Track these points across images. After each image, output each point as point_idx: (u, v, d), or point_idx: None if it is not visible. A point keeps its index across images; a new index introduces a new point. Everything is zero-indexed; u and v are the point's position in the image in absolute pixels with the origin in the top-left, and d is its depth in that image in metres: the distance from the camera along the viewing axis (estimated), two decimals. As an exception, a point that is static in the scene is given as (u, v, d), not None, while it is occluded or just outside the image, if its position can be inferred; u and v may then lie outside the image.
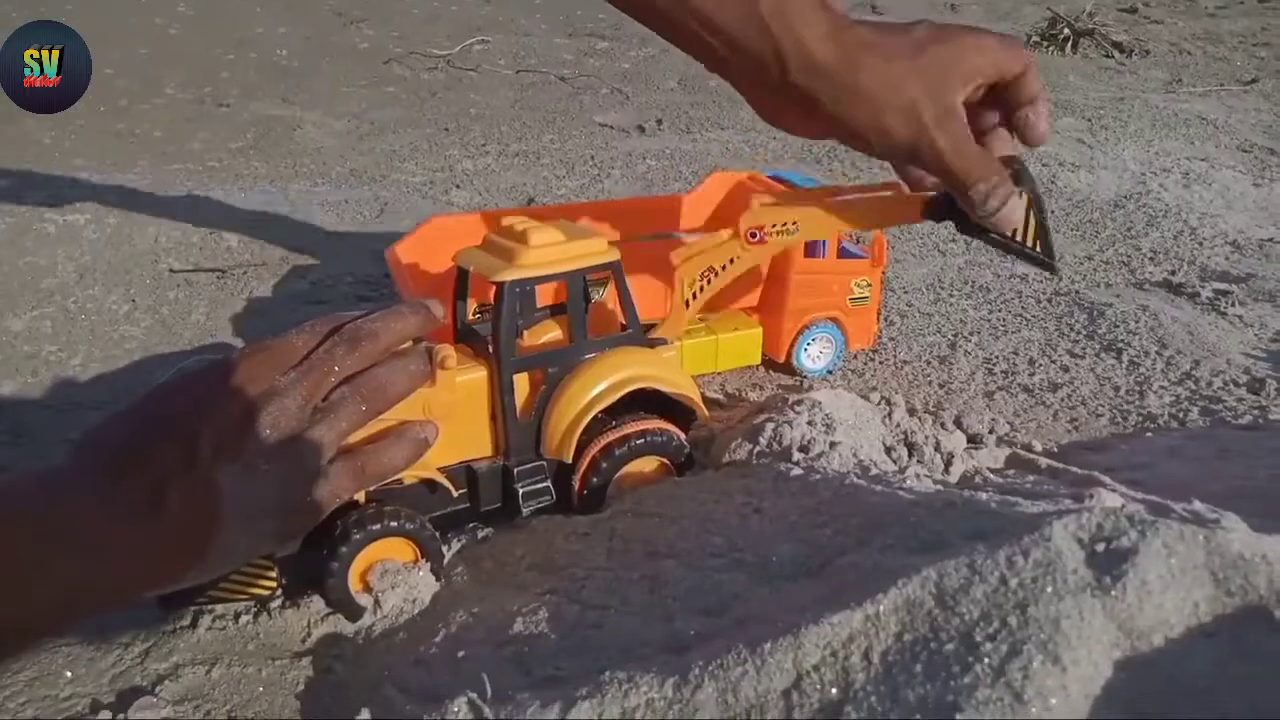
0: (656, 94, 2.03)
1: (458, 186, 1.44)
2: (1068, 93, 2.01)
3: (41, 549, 0.40)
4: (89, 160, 1.55)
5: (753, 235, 0.66)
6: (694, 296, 0.69)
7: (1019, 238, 0.60)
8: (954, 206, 0.60)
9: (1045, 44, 2.46)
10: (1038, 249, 0.60)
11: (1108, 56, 2.40)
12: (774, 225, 0.66)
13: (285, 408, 0.47)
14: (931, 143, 0.55)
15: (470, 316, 0.64)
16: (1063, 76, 2.18)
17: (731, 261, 0.69)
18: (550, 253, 0.59)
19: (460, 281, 0.63)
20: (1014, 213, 0.58)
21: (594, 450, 0.61)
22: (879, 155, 0.59)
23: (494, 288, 0.58)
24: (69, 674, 0.51)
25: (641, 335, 0.64)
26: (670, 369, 0.64)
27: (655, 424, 0.62)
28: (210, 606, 0.55)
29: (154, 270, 1.08)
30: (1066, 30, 2.47)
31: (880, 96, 0.54)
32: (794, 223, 0.66)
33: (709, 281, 0.69)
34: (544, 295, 0.66)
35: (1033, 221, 0.59)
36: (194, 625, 0.55)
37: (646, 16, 0.57)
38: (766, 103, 0.59)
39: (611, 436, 0.61)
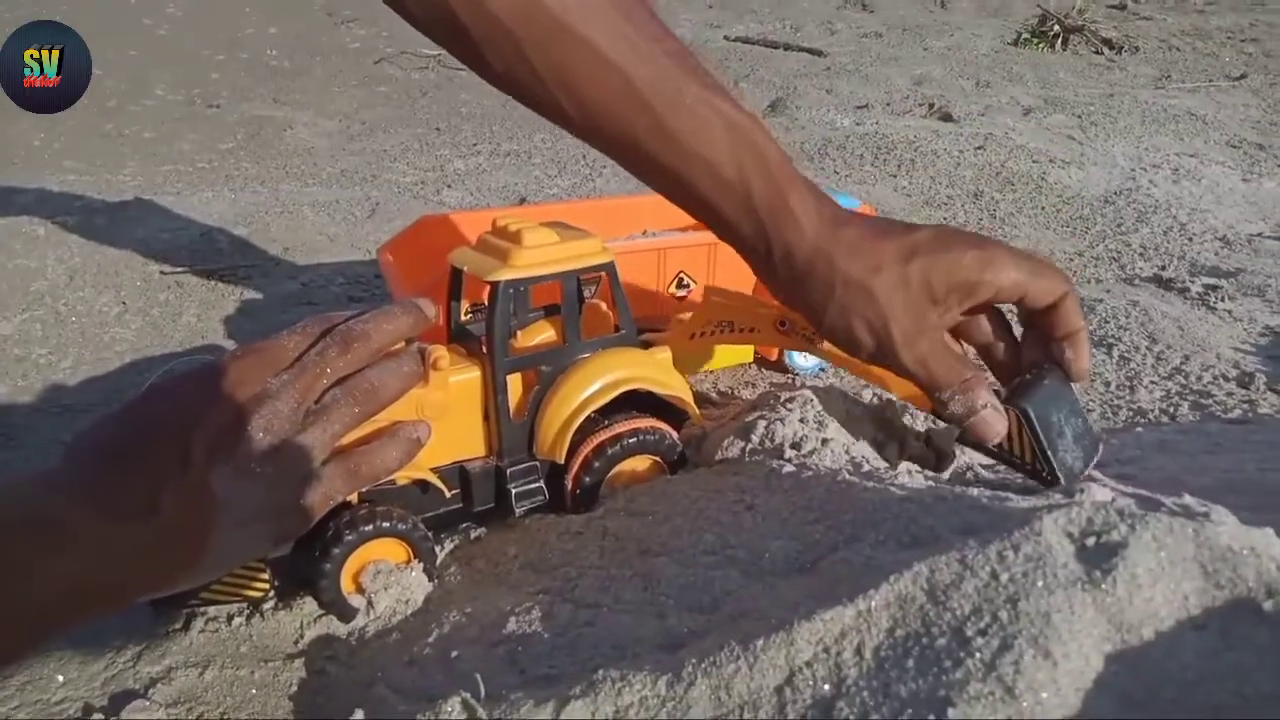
0: (648, 93, 2.03)
1: (449, 186, 1.44)
2: (1058, 89, 2.02)
3: (35, 554, 0.40)
4: (78, 162, 1.54)
5: (782, 324, 0.66)
6: (701, 335, 0.70)
7: (1009, 447, 0.54)
8: None
9: (1035, 41, 2.47)
10: (1031, 461, 0.54)
11: (1098, 53, 2.41)
12: (806, 328, 0.65)
13: (278, 410, 0.47)
14: (895, 356, 0.54)
15: (464, 316, 0.64)
16: (1053, 73, 2.19)
17: (752, 330, 0.69)
18: (544, 253, 0.59)
19: (454, 281, 0.63)
20: (990, 425, 0.53)
21: (586, 449, 0.61)
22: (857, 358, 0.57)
23: (487, 288, 0.58)
24: (60, 677, 0.51)
25: (635, 336, 0.64)
26: (663, 370, 0.64)
27: (647, 423, 0.62)
28: (203, 609, 0.55)
29: (144, 272, 1.08)
30: (1056, 27, 2.48)
31: (852, 305, 0.53)
32: (824, 345, 0.64)
33: (722, 332, 0.69)
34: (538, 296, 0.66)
35: (1026, 437, 0.53)
36: (186, 628, 0.54)
37: (652, 182, 0.57)
38: (765, 280, 0.59)
39: (604, 435, 0.61)
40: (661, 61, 0.52)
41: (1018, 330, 0.58)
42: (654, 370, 0.63)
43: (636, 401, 0.63)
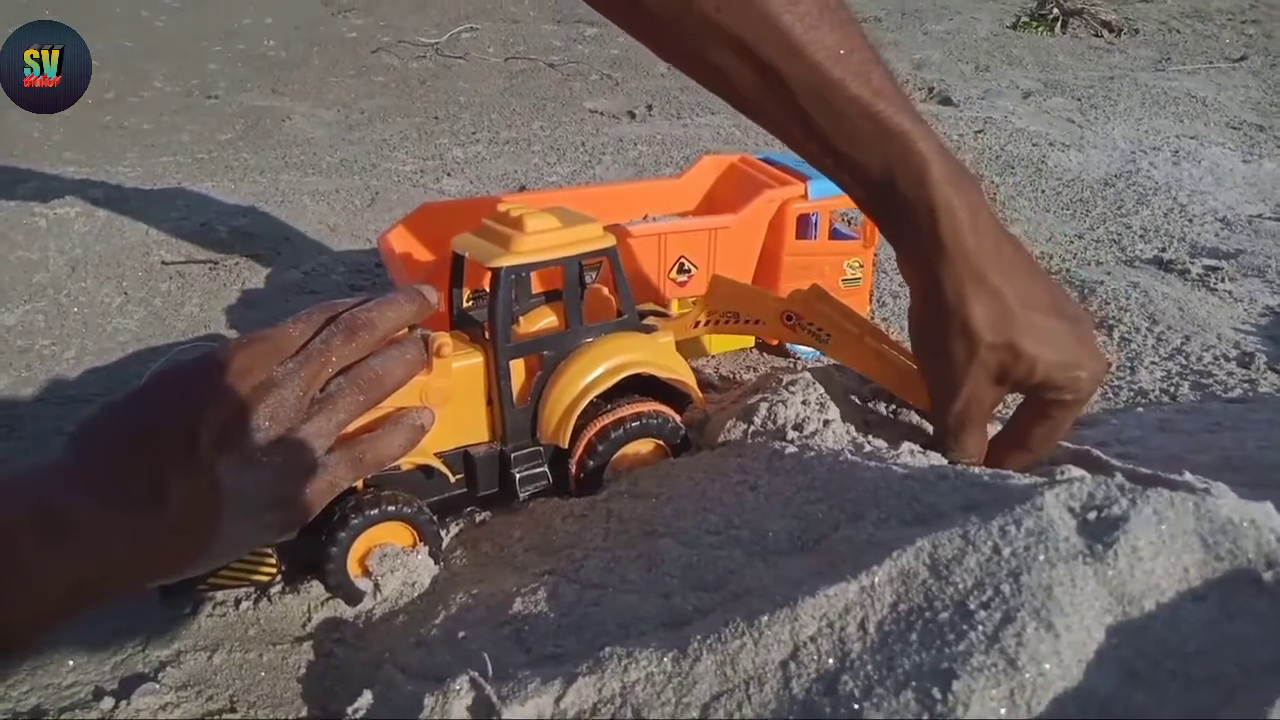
0: (646, 80, 2.03)
1: (448, 175, 1.44)
2: (1058, 72, 2.02)
3: (44, 543, 0.40)
4: (78, 153, 1.54)
5: (789, 318, 0.66)
6: (701, 324, 0.70)
7: None
8: None
9: (1035, 24, 2.46)
10: None
11: (1097, 36, 2.40)
12: (813, 324, 0.65)
13: (283, 399, 0.47)
14: (951, 396, 0.55)
15: (466, 302, 0.65)
16: (1052, 56, 2.18)
17: (757, 323, 0.69)
18: (546, 239, 0.59)
19: (455, 267, 0.63)
20: None
21: (590, 433, 0.61)
22: (912, 347, 0.59)
23: (489, 274, 0.58)
24: (70, 662, 0.52)
25: (637, 320, 0.64)
26: (666, 354, 0.64)
27: (651, 406, 0.63)
28: (211, 593, 0.55)
29: (146, 262, 1.08)
30: (1056, 10, 2.47)
31: (962, 315, 0.53)
32: (828, 334, 0.65)
33: (725, 323, 0.70)
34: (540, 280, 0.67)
35: None
36: (195, 612, 0.55)
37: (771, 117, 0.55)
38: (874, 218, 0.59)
39: (607, 420, 0.61)
40: (817, 59, 0.50)
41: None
42: (656, 354, 0.63)
43: (639, 386, 0.63)
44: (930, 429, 0.63)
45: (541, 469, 0.61)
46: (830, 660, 0.37)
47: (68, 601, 0.42)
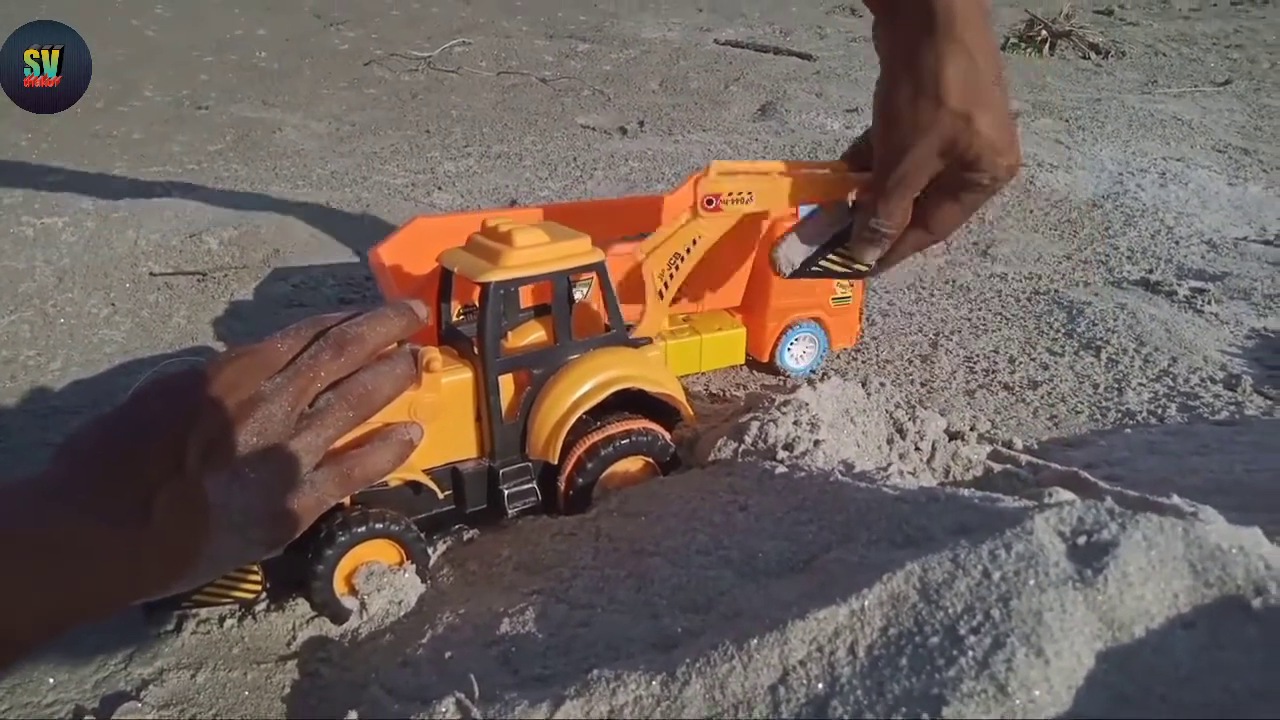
0: (638, 96, 2.03)
1: (440, 188, 1.44)
2: (1045, 94, 2.03)
3: (28, 561, 0.40)
4: (66, 163, 1.53)
5: (709, 202, 0.68)
6: (665, 285, 0.70)
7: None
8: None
9: (1023, 45, 2.48)
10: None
11: (1084, 58, 2.43)
12: (730, 194, 0.68)
13: (271, 415, 0.47)
14: (905, 154, 0.60)
15: (455, 317, 0.64)
16: (1040, 78, 2.20)
17: (695, 242, 0.70)
18: (534, 253, 0.59)
19: (444, 282, 0.63)
20: (868, 252, 0.65)
21: (579, 450, 0.61)
22: (875, 116, 0.63)
23: (478, 288, 0.58)
24: (51, 679, 0.51)
25: (625, 335, 0.64)
26: (655, 369, 0.64)
27: (640, 424, 0.63)
28: (194, 611, 0.55)
29: (133, 273, 1.07)
30: (1044, 32, 2.49)
31: (935, 85, 0.58)
32: (749, 193, 0.68)
33: (677, 268, 0.71)
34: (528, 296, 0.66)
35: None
36: (178, 629, 0.54)
37: None
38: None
39: (597, 437, 0.61)
40: None
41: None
42: (645, 369, 0.63)
43: (628, 400, 0.63)
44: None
45: (530, 485, 0.61)
46: (820, 685, 0.37)
47: (51, 620, 0.41)
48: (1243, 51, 2.52)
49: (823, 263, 0.69)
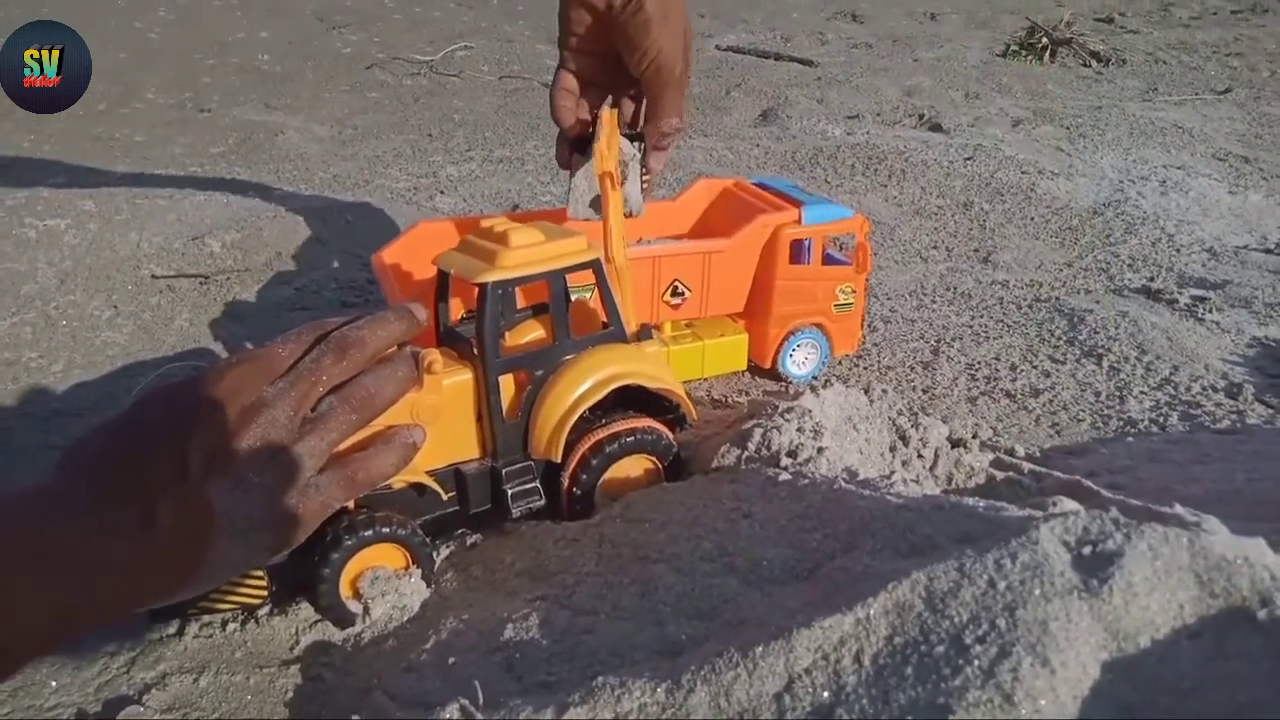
0: (640, 101, 2.03)
1: (442, 192, 1.44)
2: (1046, 101, 2.04)
3: (33, 569, 0.40)
4: (69, 165, 1.53)
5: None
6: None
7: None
8: None
9: (1024, 53, 2.49)
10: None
11: (1085, 65, 2.43)
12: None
13: (275, 419, 0.47)
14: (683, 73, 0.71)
15: (455, 319, 0.65)
16: (1041, 85, 2.20)
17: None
18: (530, 253, 0.59)
19: (441, 284, 0.63)
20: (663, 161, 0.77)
21: (584, 448, 0.61)
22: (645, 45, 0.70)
23: (476, 289, 0.58)
24: (54, 683, 0.51)
25: (624, 332, 0.64)
26: (655, 364, 0.64)
27: (644, 422, 0.63)
28: (199, 615, 0.55)
29: (136, 276, 1.07)
30: (1045, 39, 2.50)
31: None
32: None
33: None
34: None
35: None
36: (181, 633, 0.54)
37: None
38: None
39: (601, 434, 0.61)
40: None
41: None
42: (645, 365, 0.63)
43: (630, 400, 0.63)
44: None
45: (534, 485, 0.61)
46: (825, 693, 0.37)
47: (55, 628, 0.41)
48: (1243, 60, 2.52)
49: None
